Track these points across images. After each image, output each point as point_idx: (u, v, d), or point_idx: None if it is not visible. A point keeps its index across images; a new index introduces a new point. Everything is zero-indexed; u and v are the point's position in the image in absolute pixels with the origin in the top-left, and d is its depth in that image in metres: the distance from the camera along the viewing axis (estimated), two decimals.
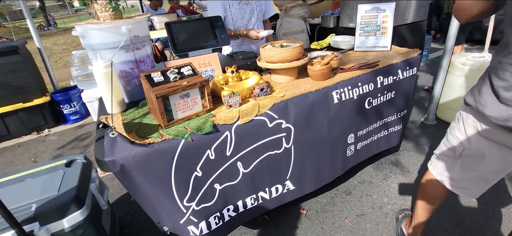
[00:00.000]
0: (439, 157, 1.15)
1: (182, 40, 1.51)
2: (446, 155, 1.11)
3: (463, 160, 1.04)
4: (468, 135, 0.99)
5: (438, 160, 1.16)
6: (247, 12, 1.84)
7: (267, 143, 1.24)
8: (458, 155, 1.04)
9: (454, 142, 1.05)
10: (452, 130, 1.08)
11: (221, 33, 1.59)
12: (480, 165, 0.99)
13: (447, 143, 1.10)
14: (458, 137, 1.03)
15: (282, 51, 1.38)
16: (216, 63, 1.39)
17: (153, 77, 1.11)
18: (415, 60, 1.74)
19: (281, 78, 1.49)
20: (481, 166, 0.99)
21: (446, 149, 1.11)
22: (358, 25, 1.95)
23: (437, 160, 1.17)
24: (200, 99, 1.17)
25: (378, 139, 1.80)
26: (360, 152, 1.73)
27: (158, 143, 0.99)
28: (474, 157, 1.00)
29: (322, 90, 1.37)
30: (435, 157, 1.18)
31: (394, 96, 1.72)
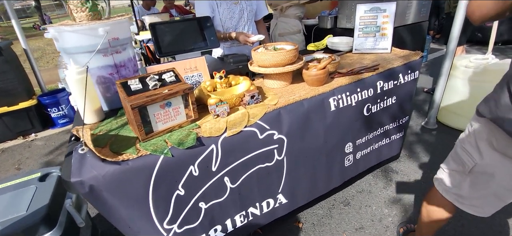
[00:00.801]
0: (446, 171, 1.05)
1: (167, 42, 1.40)
2: (454, 170, 1.01)
3: (474, 177, 0.94)
4: (481, 150, 0.89)
5: (445, 175, 1.06)
6: (236, 12, 1.73)
7: (257, 156, 1.13)
8: (468, 171, 0.94)
9: (464, 156, 0.95)
10: (461, 143, 0.98)
11: (210, 35, 1.49)
12: (493, 183, 0.89)
13: (456, 157, 1.00)
14: (468, 151, 0.93)
15: (275, 54, 1.28)
16: (203, 67, 1.28)
17: (130, 85, 1.00)
18: (416, 63, 1.64)
19: (274, 83, 1.39)
20: (494, 183, 0.89)
21: (454, 164, 1.01)
22: (356, 26, 1.85)
23: (443, 174, 1.07)
24: (183, 109, 1.06)
25: (379, 147, 1.70)
26: (360, 162, 1.63)
27: (133, 160, 0.88)
28: (487, 175, 0.90)
29: (318, 97, 1.27)
30: (442, 172, 1.08)
31: (394, 101, 1.62)
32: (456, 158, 1.00)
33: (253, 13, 1.82)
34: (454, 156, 1.01)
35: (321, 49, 2.11)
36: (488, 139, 0.86)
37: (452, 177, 1.02)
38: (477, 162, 0.90)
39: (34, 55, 3.61)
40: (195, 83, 1.28)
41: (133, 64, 1.32)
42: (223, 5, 1.69)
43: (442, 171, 1.08)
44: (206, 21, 1.49)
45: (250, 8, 1.78)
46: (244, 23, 1.79)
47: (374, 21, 1.81)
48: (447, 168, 1.05)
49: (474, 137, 0.91)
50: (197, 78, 1.28)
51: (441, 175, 1.08)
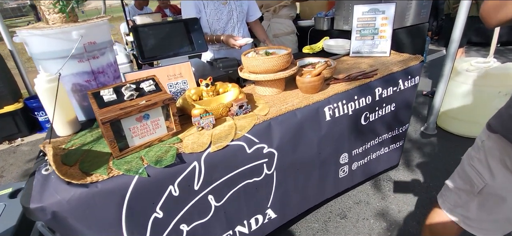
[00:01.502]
0: (452, 189, 0.96)
1: (151, 46, 1.30)
2: (460, 189, 0.93)
3: (483, 198, 0.85)
4: (492, 169, 0.80)
5: (451, 193, 0.97)
6: (224, 13, 1.63)
7: (245, 172, 1.04)
8: (476, 192, 0.85)
9: (472, 175, 0.87)
10: (470, 159, 0.89)
11: (198, 38, 1.39)
12: (506, 207, 0.81)
13: (463, 174, 0.91)
14: (478, 169, 0.85)
15: (266, 60, 1.18)
16: (188, 73, 1.19)
17: (103, 96, 0.90)
18: (416, 68, 1.55)
19: (266, 90, 1.29)
20: (506, 207, 0.81)
21: (461, 182, 0.92)
22: (354, 28, 1.76)
23: (449, 192, 0.98)
24: (163, 121, 0.96)
25: (377, 158, 1.61)
26: (356, 173, 1.54)
27: (103, 182, 0.78)
28: (498, 197, 0.81)
29: (313, 106, 1.17)
30: (447, 189, 1.00)
31: (394, 109, 1.53)
32: (464, 175, 0.91)
33: (244, 14, 1.73)
34: (461, 174, 0.93)
35: (317, 52, 2.02)
36: (501, 157, 0.78)
37: (458, 196, 0.93)
38: (488, 183, 0.82)
39: (22, 56, 3.48)
40: (179, 91, 1.18)
41: (113, 70, 1.22)
42: (210, 6, 1.59)
43: (447, 188, 0.99)
44: (193, 23, 1.40)
45: (240, 9, 1.68)
46: (233, 25, 1.69)
47: (372, 23, 1.72)
48: (453, 186, 0.96)
49: (485, 155, 0.83)
50: (181, 85, 1.18)
51: (446, 192, 0.99)
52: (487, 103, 2.11)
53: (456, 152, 2.13)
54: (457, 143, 2.23)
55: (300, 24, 2.70)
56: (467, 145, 0.98)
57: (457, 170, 0.96)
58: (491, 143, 0.81)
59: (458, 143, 2.23)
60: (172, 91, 1.17)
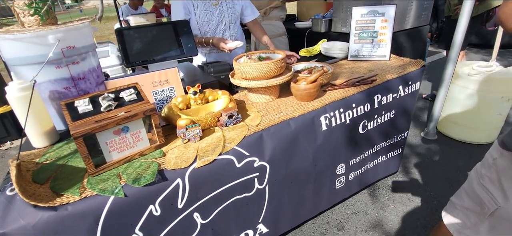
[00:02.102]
0: (459, 208, 0.89)
1: (137, 50, 1.23)
2: (468, 209, 0.86)
3: (495, 221, 0.78)
4: (506, 191, 0.73)
5: (457, 212, 0.90)
6: (214, 14, 1.55)
7: (234, 187, 0.97)
8: (488, 213, 0.78)
9: (483, 195, 0.79)
10: (480, 177, 0.82)
11: (188, 41, 1.31)
12: None
13: (472, 194, 0.84)
14: (490, 190, 0.77)
15: (258, 66, 1.11)
16: (175, 80, 1.11)
17: (77, 106, 0.83)
18: (417, 74, 1.49)
19: (258, 97, 1.22)
20: None
21: (469, 201, 0.85)
22: (352, 31, 1.69)
23: (455, 211, 0.91)
24: (145, 134, 0.89)
25: (375, 166, 1.55)
26: (353, 182, 1.47)
27: (74, 204, 0.71)
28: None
29: (308, 115, 1.10)
30: (453, 207, 0.92)
31: (393, 116, 1.46)
32: (473, 195, 0.84)
33: (237, 16, 1.65)
34: (470, 193, 0.85)
35: (314, 55, 1.95)
36: None
37: (466, 216, 0.86)
38: (501, 205, 0.75)
39: None
40: (166, 99, 1.11)
41: (96, 76, 1.15)
42: (200, 6, 1.51)
43: (453, 206, 0.92)
44: (182, 26, 1.32)
45: (233, 10, 1.60)
46: (225, 28, 1.61)
47: (371, 26, 1.65)
48: (460, 205, 0.89)
49: (497, 174, 0.76)
50: (168, 92, 1.11)
51: (452, 211, 0.92)
52: (490, 109, 2.04)
53: (457, 158, 2.06)
54: (458, 149, 2.16)
55: (297, 25, 2.63)
56: (469, 151, 0.91)
57: (464, 188, 0.89)
58: (505, 162, 0.74)
59: (460, 149, 2.17)
60: (158, 99, 1.09)
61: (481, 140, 2.18)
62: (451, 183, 1.83)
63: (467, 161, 2.02)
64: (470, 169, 0.90)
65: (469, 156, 2.08)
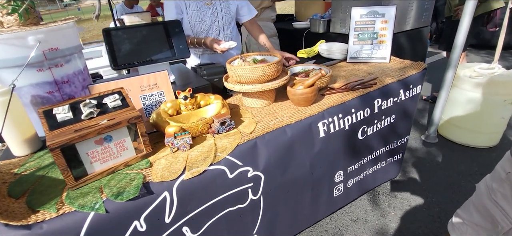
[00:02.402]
0: (468, 223, 0.83)
1: (125, 51, 1.17)
2: (478, 225, 0.80)
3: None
4: None
5: (466, 227, 0.84)
6: (208, 14, 1.49)
7: (227, 198, 0.91)
8: (502, 232, 0.72)
9: (495, 212, 0.74)
10: (491, 192, 0.76)
11: (179, 43, 1.25)
12: None
13: (482, 209, 0.78)
14: (503, 207, 0.72)
15: (253, 69, 1.05)
16: (165, 84, 1.05)
17: (56, 114, 0.77)
18: (419, 77, 1.43)
19: (253, 102, 1.17)
20: None
21: (479, 217, 0.80)
22: (351, 32, 1.64)
23: (463, 227, 0.85)
24: (131, 142, 0.83)
25: (374, 172, 1.50)
26: (351, 190, 1.42)
27: (50, 221, 0.65)
28: None
29: (305, 122, 1.05)
30: (460, 222, 0.86)
31: (393, 120, 1.41)
32: (483, 211, 0.78)
33: (232, 16, 1.59)
34: (479, 207, 0.80)
35: (312, 56, 1.89)
36: None
37: (476, 233, 0.81)
38: None
39: None
40: (155, 104, 1.05)
41: (82, 79, 1.09)
42: (192, 6, 1.45)
43: (461, 221, 0.86)
44: (174, 26, 1.26)
45: (227, 10, 1.54)
46: (218, 28, 1.54)
47: (371, 27, 1.60)
48: (468, 220, 0.83)
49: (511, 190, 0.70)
50: (157, 97, 1.05)
51: (460, 226, 0.86)
52: (492, 112, 2.00)
53: (459, 162, 2.02)
54: (460, 153, 2.12)
55: (294, 26, 2.57)
56: (470, 155, 0.86)
57: (472, 201, 0.84)
58: None
59: (461, 153, 2.12)
60: (146, 104, 1.03)
61: (483, 144, 2.13)
62: (453, 188, 1.79)
63: (468, 166, 1.97)
64: (472, 174, 0.85)
65: (471, 160, 2.03)
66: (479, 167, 1.94)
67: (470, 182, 1.82)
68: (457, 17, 2.52)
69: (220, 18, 1.52)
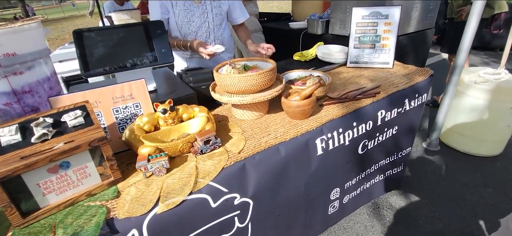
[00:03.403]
0: None
1: (99, 56, 1.03)
2: None
3: None
4: None
5: None
6: (196, 14, 1.35)
7: (209, 229, 0.79)
8: None
9: None
10: None
11: (161, 46, 1.12)
12: None
13: None
14: None
15: (243, 79, 0.93)
16: (143, 94, 0.92)
17: (0, 137, 0.64)
18: (425, 84, 1.32)
19: (244, 113, 1.04)
20: None
21: None
22: (352, 34, 1.52)
23: None
24: (94, 168, 0.70)
25: (372, 186, 1.39)
26: (347, 206, 1.31)
27: None
28: None
29: (301, 138, 0.93)
30: None
31: (396, 132, 1.30)
32: None
33: (223, 16, 1.45)
34: None
35: (309, 60, 1.77)
36: None
37: None
38: None
39: None
40: (130, 118, 0.92)
41: (48, 87, 0.95)
42: (179, 5, 1.31)
43: None
44: (155, 27, 1.13)
45: (218, 10, 1.40)
46: (208, 30, 1.41)
47: (373, 29, 1.48)
48: None
49: None
50: (133, 110, 0.92)
51: None
52: (497, 120, 1.90)
53: (462, 172, 1.92)
54: (462, 162, 2.02)
55: (291, 26, 2.44)
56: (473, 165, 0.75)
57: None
58: None
59: (464, 162, 2.02)
60: (120, 118, 0.90)
61: (487, 152, 2.04)
62: (457, 201, 1.69)
63: (472, 176, 1.87)
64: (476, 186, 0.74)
65: (474, 170, 1.93)
66: (483, 178, 1.85)
67: (474, 195, 1.73)
68: (460, 18, 2.42)
69: (210, 18, 1.38)
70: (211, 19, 1.39)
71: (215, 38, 1.43)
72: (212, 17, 1.39)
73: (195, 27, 1.36)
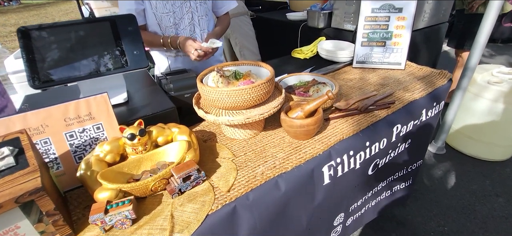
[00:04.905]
0: None
1: (52, 61, 0.82)
2: None
3: None
4: None
5: None
6: (177, 4, 1.13)
7: None
8: None
9: None
10: None
11: (133, 46, 0.91)
12: None
13: None
14: None
15: (232, 93, 0.74)
16: (105, 113, 0.72)
17: None
18: (444, 90, 1.16)
19: (236, 131, 0.86)
20: None
21: None
22: (360, 30, 1.33)
23: None
24: (30, 227, 0.52)
25: (378, 203, 1.24)
26: (350, 226, 1.16)
27: None
28: None
29: (305, 167, 0.75)
30: None
31: (408, 145, 1.14)
32: None
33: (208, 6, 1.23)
34: None
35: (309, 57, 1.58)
36: None
37: None
38: None
39: None
40: (89, 144, 0.72)
41: None
42: None
43: None
44: (126, 23, 0.92)
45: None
46: (193, 22, 1.19)
47: (384, 25, 1.30)
48: None
49: None
50: (93, 133, 0.72)
51: None
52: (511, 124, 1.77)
53: (470, 179, 1.80)
54: (470, 167, 1.90)
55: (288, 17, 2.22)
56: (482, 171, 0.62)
57: None
58: None
59: (471, 167, 1.90)
60: (76, 145, 0.71)
61: (496, 157, 1.92)
62: (467, 213, 1.57)
63: (481, 184, 1.75)
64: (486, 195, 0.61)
65: (483, 176, 1.81)
66: (494, 186, 1.73)
67: (485, 206, 1.61)
68: (471, 11, 2.24)
69: (194, 8, 1.16)
70: (195, 9, 1.16)
71: (202, 31, 1.22)
72: (196, 7, 1.16)
73: (176, 19, 1.14)
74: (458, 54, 2.47)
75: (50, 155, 0.67)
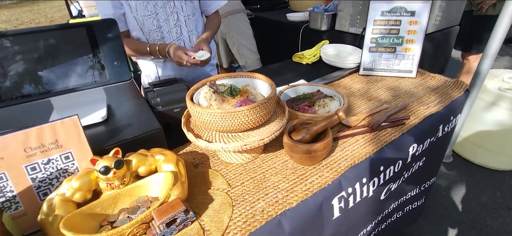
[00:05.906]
0: None
1: (17, 75, 0.70)
2: None
3: None
4: None
5: None
6: (159, 5, 1.00)
7: None
8: None
9: None
10: None
11: (114, 56, 0.80)
12: None
13: None
14: None
15: (227, 116, 0.63)
16: (75, 139, 0.61)
17: None
18: (460, 102, 1.07)
19: (231, 156, 0.75)
20: None
21: None
22: (368, 35, 1.22)
23: None
24: None
25: (388, 225, 1.14)
26: None
27: None
28: None
29: (313, 201, 0.65)
30: None
31: (423, 164, 1.04)
32: None
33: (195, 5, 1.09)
34: None
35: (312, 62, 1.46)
36: None
37: None
38: None
39: None
40: (56, 177, 0.61)
41: None
42: None
43: None
44: (105, 30, 0.79)
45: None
46: (179, 23, 1.06)
47: (395, 29, 1.19)
48: None
49: None
50: (61, 164, 0.60)
51: None
52: None
53: (480, 190, 1.71)
54: (479, 178, 1.81)
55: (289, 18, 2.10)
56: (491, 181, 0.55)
57: None
58: None
59: (480, 177, 1.81)
60: (39, 179, 0.59)
61: (505, 166, 1.83)
62: (478, 229, 1.48)
63: (491, 195, 1.67)
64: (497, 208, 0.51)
65: (493, 187, 1.72)
66: (505, 198, 1.64)
67: (496, 220, 1.52)
68: (480, 12, 2.14)
69: (178, 7, 1.03)
70: (180, 8, 1.03)
71: (189, 33, 1.09)
72: (181, 6, 1.03)
73: (160, 21, 1.01)
74: (464, 57, 2.37)
75: (6, 193, 0.56)
